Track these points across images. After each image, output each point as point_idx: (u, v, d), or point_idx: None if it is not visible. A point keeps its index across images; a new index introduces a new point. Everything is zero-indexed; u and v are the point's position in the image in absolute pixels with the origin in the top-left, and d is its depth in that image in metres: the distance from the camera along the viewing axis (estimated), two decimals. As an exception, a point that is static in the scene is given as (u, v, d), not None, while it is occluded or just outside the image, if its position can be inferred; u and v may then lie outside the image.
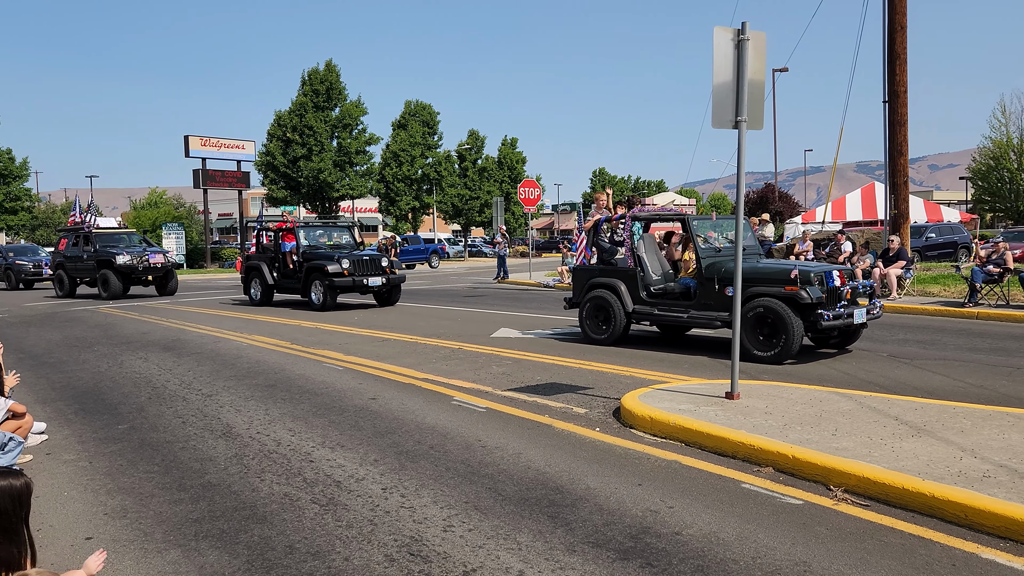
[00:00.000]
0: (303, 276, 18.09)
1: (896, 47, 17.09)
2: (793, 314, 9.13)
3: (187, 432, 6.58)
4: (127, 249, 23.56)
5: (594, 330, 11.27)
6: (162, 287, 23.89)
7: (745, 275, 9.39)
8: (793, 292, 9.24)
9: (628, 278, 11.00)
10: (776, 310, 9.21)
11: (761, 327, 9.43)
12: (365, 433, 6.39)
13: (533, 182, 30.96)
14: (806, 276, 9.31)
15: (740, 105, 6.57)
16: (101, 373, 9.63)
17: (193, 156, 44.49)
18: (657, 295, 10.90)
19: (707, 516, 4.41)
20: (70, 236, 25.37)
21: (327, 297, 17.39)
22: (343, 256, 17.73)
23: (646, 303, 10.82)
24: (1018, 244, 24.91)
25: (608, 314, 11.05)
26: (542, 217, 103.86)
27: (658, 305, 10.72)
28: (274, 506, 4.70)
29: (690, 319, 10.32)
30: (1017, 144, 46.07)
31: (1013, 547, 3.92)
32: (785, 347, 9.16)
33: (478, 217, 62.87)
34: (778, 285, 9.41)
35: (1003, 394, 7.49)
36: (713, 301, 10.07)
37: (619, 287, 11.00)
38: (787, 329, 9.12)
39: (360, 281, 17.44)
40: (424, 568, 3.78)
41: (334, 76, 50.25)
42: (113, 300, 21.76)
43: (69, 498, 4.97)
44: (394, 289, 18.58)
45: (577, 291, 11.78)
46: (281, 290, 19.23)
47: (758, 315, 9.40)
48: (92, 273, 23.52)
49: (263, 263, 19.46)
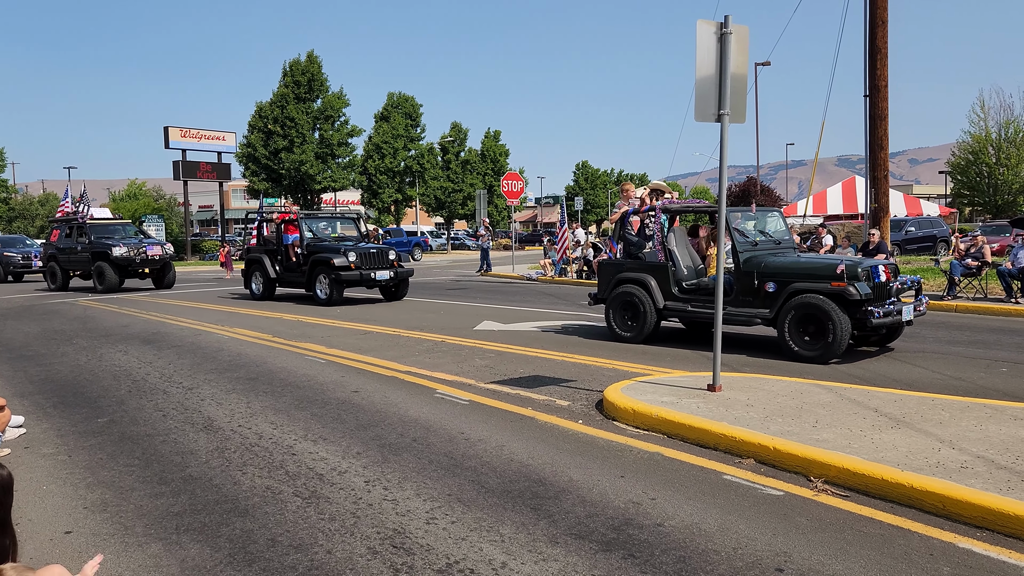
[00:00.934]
0: (307, 270, 17.36)
1: (877, 41, 17.20)
2: (841, 312, 8.69)
3: (168, 425, 6.53)
4: (123, 241, 22.77)
5: (622, 327, 10.77)
6: (159, 280, 23.12)
7: (785, 270, 9.32)
8: (840, 288, 8.77)
9: (659, 273, 10.50)
10: (823, 307, 8.76)
11: (805, 325, 8.98)
12: (348, 426, 6.38)
13: (516, 175, 30.94)
14: (853, 271, 8.89)
15: (723, 98, 6.60)
16: (80, 366, 9.54)
17: (173, 147, 44.13)
18: (690, 291, 10.41)
19: (689, 507, 4.43)
20: (62, 227, 24.44)
21: (333, 292, 16.68)
22: (349, 249, 17.00)
23: (678, 299, 10.32)
24: (996, 238, 25.19)
25: (637, 311, 10.55)
26: (525, 210, 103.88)
27: (691, 301, 10.20)
28: (256, 499, 4.68)
29: (727, 316, 9.57)
30: (996, 139, 46.52)
31: (989, 536, 3.97)
32: (831, 346, 8.73)
33: (461, 210, 62.77)
34: (823, 281, 8.95)
35: (981, 386, 7.57)
36: (751, 297, 9.59)
37: (649, 282, 10.49)
38: (834, 327, 8.67)
39: (368, 275, 16.71)
40: (407, 560, 3.78)
41: (316, 67, 49.94)
42: (108, 293, 21.14)
43: (48, 492, 4.92)
44: (402, 283, 17.82)
45: (603, 286, 11.21)
46: (284, 284, 18.53)
47: (802, 313, 8.95)
48: (86, 265, 22.77)
49: (265, 256, 18.69)
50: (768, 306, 9.34)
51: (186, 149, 44.65)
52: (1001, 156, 46.06)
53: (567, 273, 24.57)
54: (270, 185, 50.02)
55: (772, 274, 9.40)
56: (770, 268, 9.46)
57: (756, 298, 9.55)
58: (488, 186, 60.33)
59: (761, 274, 9.51)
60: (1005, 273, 14.52)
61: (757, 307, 9.51)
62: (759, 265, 9.57)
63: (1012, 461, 4.77)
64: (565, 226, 25.05)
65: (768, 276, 9.40)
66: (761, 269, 9.53)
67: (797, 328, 9.03)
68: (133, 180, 71.17)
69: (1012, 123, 46.10)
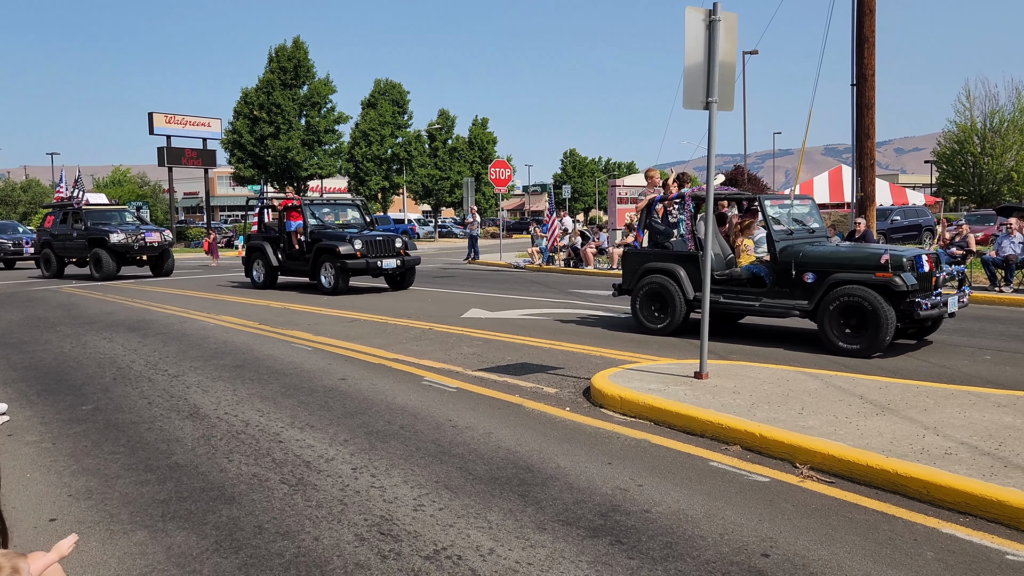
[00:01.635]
0: (312, 258, 16.80)
1: (864, 30, 17.22)
2: (886, 304, 8.32)
3: (153, 413, 6.50)
4: (121, 227, 22.14)
5: (649, 319, 10.32)
6: (158, 267, 22.56)
7: (825, 260, 8.97)
8: (885, 279, 8.40)
9: (689, 263, 10.03)
10: (868, 299, 8.37)
11: (847, 318, 8.61)
12: (335, 413, 6.36)
13: (504, 162, 30.87)
14: (898, 261, 8.49)
15: (711, 86, 6.59)
16: (64, 353, 9.47)
17: (158, 134, 43.76)
18: (721, 281, 9.91)
19: (676, 494, 4.45)
20: (57, 212, 23.66)
21: (339, 280, 16.17)
22: (355, 236, 16.47)
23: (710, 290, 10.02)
24: (980, 227, 25.36)
25: (665, 302, 10.13)
26: (513, 198, 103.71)
27: (724, 292, 9.75)
28: (242, 487, 4.66)
29: (763, 307, 9.40)
30: (981, 129, 46.78)
31: (972, 522, 4.01)
32: (876, 340, 8.36)
33: (448, 197, 62.62)
34: (866, 271, 8.57)
35: (965, 373, 7.64)
36: (789, 288, 9.19)
37: (678, 272, 10.03)
38: (879, 320, 8.29)
39: (374, 263, 16.19)
40: (394, 547, 3.78)
41: (302, 53, 49.55)
42: (106, 281, 20.70)
43: (32, 480, 4.89)
44: (408, 272, 17.29)
45: (628, 277, 10.76)
46: (286, 272, 17.98)
47: (844, 305, 8.58)
48: (82, 252, 22.13)
49: (266, 243, 18.10)
50: (807, 298, 9.01)
51: (171, 135, 44.28)
52: (986, 146, 46.34)
53: (555, 261, 24.57)
54: (256, 172, 49.68)
55: (811, 264, 9.04)
56: (809, 258, 9.10)
57: (794, 289, 9.17)
58: (476, 174, 60.19)
59: (799, 264, 9.11)
60: (989, 262, 14.64)
61: (795, 299, 9.14)
62: (797, 255, 9.18)
63: (995, 447, 4.81)
64: (553, 214, 25.03)
65: (807, 266, 9.04)
66: (799, 259, 9.14)
67: (838, 321, 8.67)
68: (117, 167, 70.57)
69: (997, 113, 46.37)
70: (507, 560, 3.63)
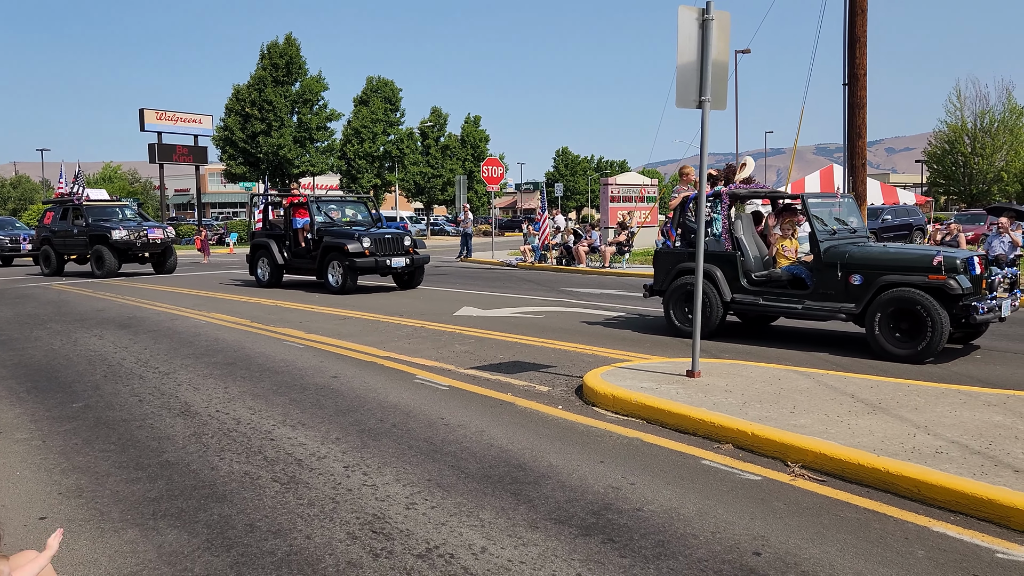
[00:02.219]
0: (319, 256, 16.40)
1: (856, 30, 17.26)
2: (940, 307, 7.97)
3: (144, 410, 6.47)
4: (123, 223, 21.71)
5: (683, 321, 9.92)
6: (160, 265, 22.19)
7: (873, 261, 8.63)
8: (939, 281, 8.05)
9: (726, 263, 9.69)
10: (921, 303, 8.02)
11: (898, 322, 8.25)
12: (327, 411, 6.35)
13: (496, 160, 30.83)
14: (951, 263, 8.12)
15: (704, 85, 6.60)
16: (55, 351, 9.42)
17: (149, 130, 43.54)
18: (760, 282, 9.59)
19: (668, 492, 4.46)
20: (57, 208, 23.23)
21: (347, 279, 15.80)
22: (363, 234, 16.10)
23: (748, 292, 9.54)
24: (971, 227, 25.48)
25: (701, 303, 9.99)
26: (505, 196, 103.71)
27: (764, 294, 9.41)
28: (234, 485, 4.64)
29: (805, 310, 9.02)
30: (971, 129, 47.01)
31: (963, 520, 4.02)
32: (929, 345, 7.99)
33: (441, 195, 62.56)
34: (918, 273, 8.23)
35: (955, 372, 7.67)
36: (834, 290, 8.83)
37: (715, 273, 9.66)
38: (933, 324, 7.94)
39: (383, 262, 15.83)
40: (387, 545, 3.77)
41: (294, 50, 49.37)
42: (108, 278, 20.33)
43: (22, 478, 4.86)
44: (417, 271, 16.94)
45: (660, 277, 10.38)
46: (292, 271, 17.55)
47: (896, 308, 8.22)
48: (83, 249, 21.77)
49: (272, 241, 17.67)
50: (854, 300, 8.64)
51: (162, 132, 44.07)
52: (976, 146, 46.57)
53: (547, 259, 24.58)
54: (247, 169, 49.52)
55: (859, 266, 8.69)
56: (856, 259, 8.74)
57: (839, 292, 8.78)
58: (468, 172, 60.15)
59: (846, 265, 8.74)
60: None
61: (841, 301, 8.75)
62: (843, 256, 8.81)
63: (985, 446, 4.83)
64: (545, 212, 25.04)
65: (854, 268, 8.67)
66: (846, 260, 8.77)
67: (888, 325, 8.31)
68: (108, 163, 70.27)
69: (987, 113, 46.62)
70: (499, 558, 3.63)
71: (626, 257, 22.47)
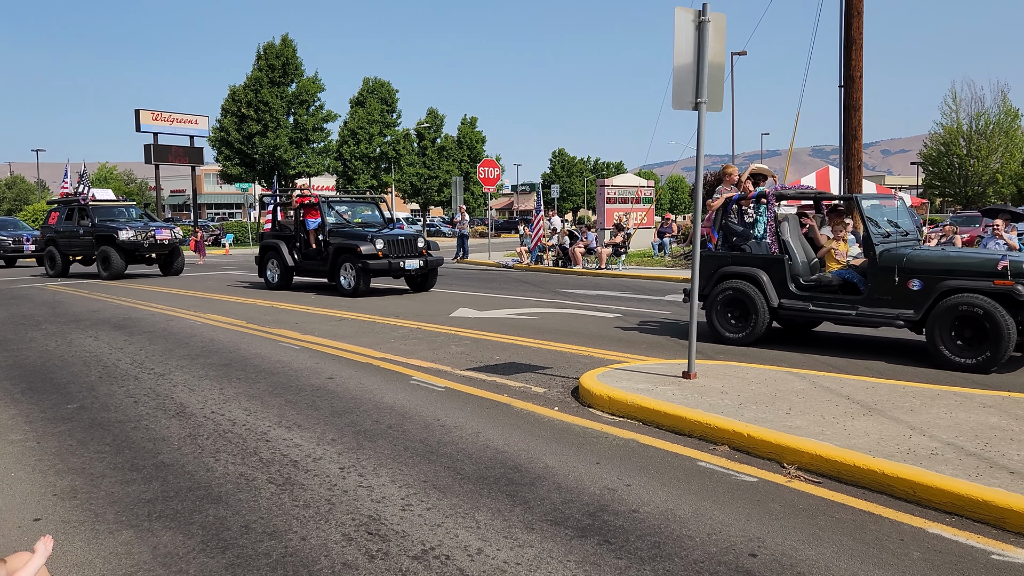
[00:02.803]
0: (330, 257, 16.04)
1: (852, 32, 17.30)
2: (1007, 315, 7.58)
3: (139, 412, 6.45)
4: (130, 224, 21.34)
5: (726, 327, 9.51)
6: (167, 266, 21.88)
7: (933, 265, 8.24)
8: (1006, 288, 7.64)
9: (772, 267, 9.26)
10: (986, 309, 7.63)
11: (961, 330, 7.87)
12: (322, 412, 6.34)
13: (493, 161, 30.83)
14: (1018, 268, 7.72)
15: (700, 86, 6.60)
16: (49, 352, 9.40)
17: (144, 131, 43.46)
18: (808, 287, 9.15)
19: (664, 494, 4.45)
20: (62, 209, 22.79)
21: (359, 282, 15.43)
22: (376, 236, 15.71)
23: (796, 297, 9.07)
24: (966, 229, 25.52)
25: (745, 309, 9.34)
26: (501, 197, 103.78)
27: (813, 299, 8.96)
28: (229, 486, 4.63)
29: (860, 316, 8.59)
30: (967, 131, 47.12)
31: (959, 522, 4.03)
32: (996, 354, 7.60)
33: (437, 196, 62.51)
34: (983, 279, 7.81)
35: (951, 374, 7.68)
36: (890, 296, 8.40)
37: (760, 277, 9.26)
38: (999, 333, 7.54)
39: (396, 264, 15.47)
40: (382, 547, 3.77)
41: (290, 51, 49.31)
42: (114, 280, 19.98)
43: (16, 479, 4.84)
44: (431, 273, 16.60)
45: (701, 281, 9.62)
46: (302, 273, 17.14)
47: (957, 315, 7.83)
48: (89, 250, 21.44)
49: (281, 242, 17.26)
50: (912, 307, 8.24)
51: (158, 132, 43.98)
52: (972, 147, 46.68)
53: (543, 260, 24.58)
54: (243, 170, 49.45)
55: (918, 270, 8.28)
56: (914, 263, 8.33)
57: (897, 297, 8.38)
58: (464, 173, 60.14)
59: (903, 270, 8.33)
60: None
61: (898, 307, 8.33)
62: (900, 259, 8.40)
63: (981, 448, 4.84)
64: (541, 213, 25.04)
65: (912, 272, 8.27)
66: (903, 264, 8.36)
67: (950, 332, 7.92)
68: (104, 164, 70.14)
69: (983, 115, 46.71)
70: (495, 560, 3.62)
71: (622, 259, 22.49)
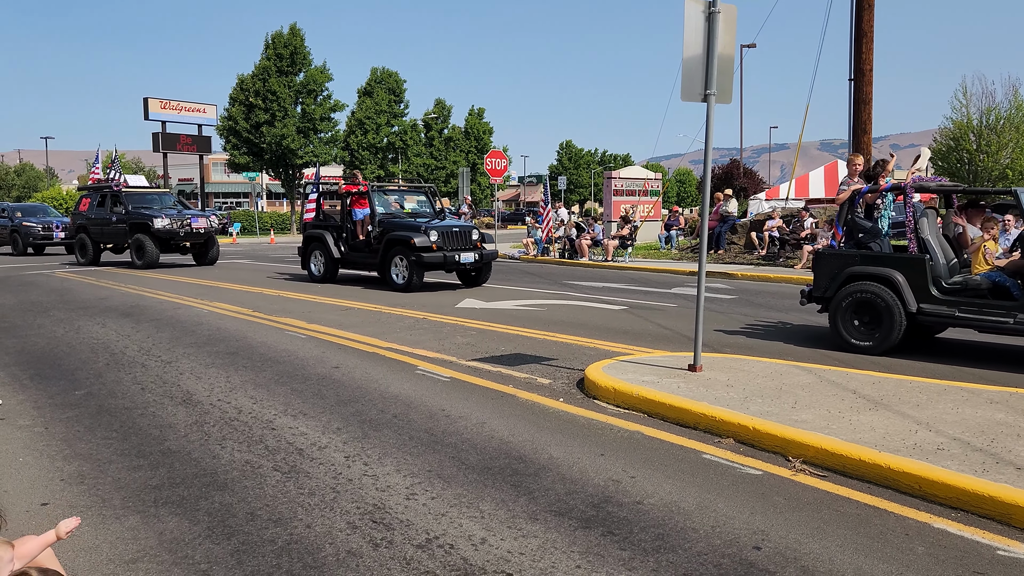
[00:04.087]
0: (381, 250, 15.02)
1: (863, 25, 17.22)
2: None
3: (146, 399, 6.48)
4: (165, 211, 20.71)
5: (854, 334, 8.56)
6: (202, 255, 21.29)
7: None
8: None
9: (910, 268, 8.31)
10: None
11: None
12: (328, 401, 6.35)
13: (500, 152, 30.78)
14: None
15: (710, 78, 6.57)
16: (57, 338, 9.44)
17: (153, 119, 43.54)
18: (952, 291, 8.24)
19: (668, 486, 4.46)
20: (93, 195, 22.15)
21: (413, 276, 14.42)
22: (430, 227, 14.64)
23: (940, 301, 8.11)
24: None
25: (877, 314, 8.40)
26: (508, 189, 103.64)
27: (960, 304, 7.98)
28: (235, 473, 4.65)
29: (1017, 325, 7.63)
30: (977, 126, 46.83)
31: (964, 517, 4.02)
32: None
33: (443, 187, 62.53)
34: None
35: (958, 370, 7.66)
36: None
37: (896, 279, 8.32)
38: None
39: (451, 257, 14.52)
40: (387, 535, 3.78)
41: (298, 40, 49.30)
42: (149, 269, 19.55)
43: (24, 464, 4.87)
44: (485, 267, 15.54)
45: (823, 282, 8.93)
46: (349, 265, 16.26)
47: None
48: (122, 238, 20.92)
49: (327, 233, 16.33)
50: None
51: (166, 121, 44.08)
52: (982, 143, 46.38)
53: (550, 252, 24.57)
54: (251, 159, 49.50)
55: None
56: None
57: None
58: (471, 164, 60.13)
59: None
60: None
61: None
62: None
63: (987, 443, 4.83)
64: (548, 205, 25.01)
65: None
66: None
67: None
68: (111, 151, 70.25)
69: (993, 110, 46.38)
70: (499, 550, 3.63)
71: (629, 251, 22.45)
